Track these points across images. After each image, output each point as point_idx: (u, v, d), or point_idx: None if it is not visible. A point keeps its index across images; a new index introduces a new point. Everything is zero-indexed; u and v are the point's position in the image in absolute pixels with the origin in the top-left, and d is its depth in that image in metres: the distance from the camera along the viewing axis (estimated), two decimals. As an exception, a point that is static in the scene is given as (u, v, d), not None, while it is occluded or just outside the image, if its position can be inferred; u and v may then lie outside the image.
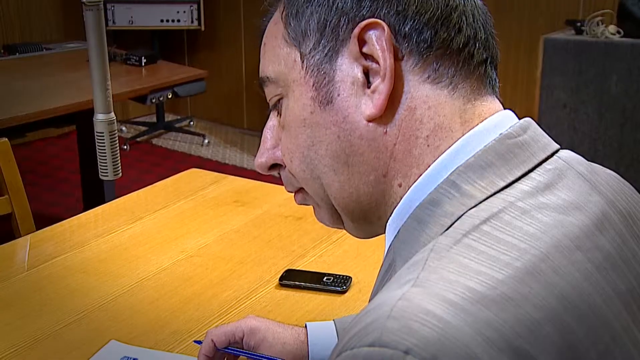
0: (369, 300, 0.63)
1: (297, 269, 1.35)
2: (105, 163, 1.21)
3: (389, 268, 0.66)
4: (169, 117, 5.29)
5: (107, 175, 1.25)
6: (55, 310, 1.24)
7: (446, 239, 0.58)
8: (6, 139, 1.75)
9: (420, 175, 0.64)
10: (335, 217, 0.72)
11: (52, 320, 1.21)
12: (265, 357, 0.99)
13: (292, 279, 1.31)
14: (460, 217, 0.59)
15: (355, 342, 0.51)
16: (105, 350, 1.11)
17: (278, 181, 0.78)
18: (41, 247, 1.49)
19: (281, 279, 1.31)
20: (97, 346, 1.12)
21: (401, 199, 0.65)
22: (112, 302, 1.27)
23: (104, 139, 1.21)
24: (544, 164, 0.62)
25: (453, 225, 0.59)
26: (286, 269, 1.34)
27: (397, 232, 0.65)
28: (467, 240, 0.56)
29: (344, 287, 1.28)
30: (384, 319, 0.51)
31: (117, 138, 1.28)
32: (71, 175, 4.05)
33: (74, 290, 1.31)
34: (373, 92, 0.64)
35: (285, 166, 0.72)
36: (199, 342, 1.03)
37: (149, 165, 4.52)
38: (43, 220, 1.78)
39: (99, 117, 1.23)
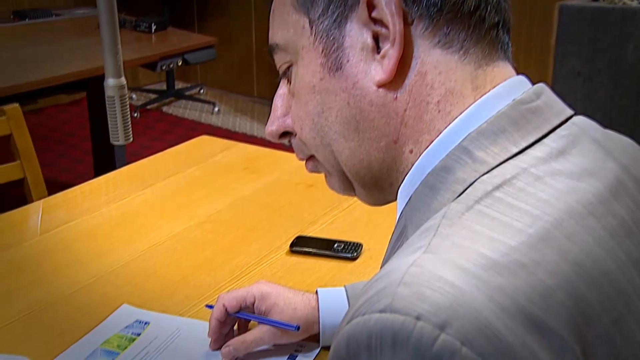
0: (381, 267, 0.63)
1: (308, 235, 1.35)
2: (116, 128, 1.21)
3: (401, 235, 0.65)
4: (179, 85, 5.28)
5: (118, 140, 1.25)
6: (67, 274, 1.25)
7: (458, 205, 0.57)
8: (17, 104, 1.75)
9: (432, 141, 0.63)
10: (346, 184, 0.72)
11: (65, 284, 1.22)
12: (276, 322, 0.99)
13: (303, 245, 1.31)
14: (472, 184, 0.58)
15: (366, 308, 0.51)
16: (117, 314, 1.12)
17: (288, 148, 0.78)
18: (53, 212, 1.50)
19: (292, 245, 1.31)
20: (109, 310, 1.13)
21: (412, 165, 0.65)
22: (124, 267, 1.28)
23: (114, 104, 1.21)
24: (558, 130, 0.62)
25: (465, 192, 0.58)
26: (297, 235, 1.35)
27: (409, 199, 0.65)
28: (479, 207, 0.56)
29: (355, 253, 1.28)
30: (395, 286, 0.51)
31: (127, 103, 1.28)
32: (82, 142, 4.06)
33: (86, 255, 1.32)
34: (383, 57, 0.63)
35: (296, 134, 0.71)
36: (211, 307, 1.04)
37: (159, 133, 4.52)
38: (54, 186, 1.79)
39: (110, 81, 1.23)
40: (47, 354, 1.01)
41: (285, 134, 0.73)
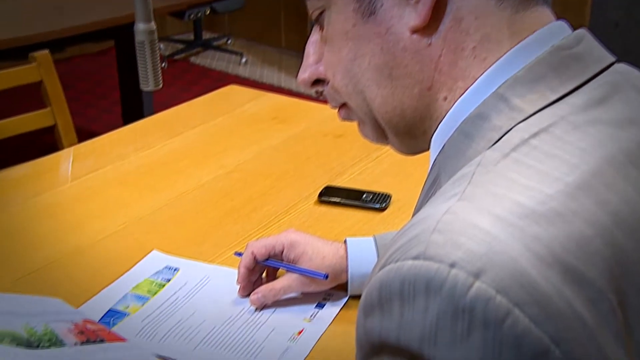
0: (412, 217, 0.62)
1: (336, 185, 1.35)
2: (146, 73, 1.20)
3: (434, 183, 0.65)
4: (206, 35, 5.26)
5: (148, 86, 1.24)
6: (97, 220, 1.26)
7: (494, 153, 0.56)
8: (47, 51, 1.75)
9: (467, 88, 0.62)
10: (379, 132, 0.71)
11: (95, 230, 1.23)
12: (304, 271, 1.00)
13: (331, 195, 1.31)
14: (508, 131, 0.57)
15: (399, 255, 0.51)
16: (147, 260, 1.14)
17: (317, 99, 0.77)
18: (83, 160, 1.51)
19: (320, 195, 1.31)
20: (139, 256, 1.14)
21: (446, 113, 0.63)
22: (153, 215, 1.29)
23: (144, 49, 1.20)
24: (599, 77, 0.60)
25: (501, 140, 0.57)
26: (325, 185, 1.34)
27: (443, 147, 0.63)
28: (515, 155, 0.55)
29: (384, 204, 1.27)
30: (429, 233, 0.50)
31: (157, 48, 1.27)
32: (110, 91, 4.07)
33: (115, 202, 1.33)
34: (417, 2, 0.61)
35: (328, 81, 0.70)
36: (240, 255, 1.05)
37: (186, 83, 4.52)
38: (83, 135, 1.80)
39: (140, 26, 1.22)
40: (79, 298, 1.03)
41: (318, 81, 0.72)
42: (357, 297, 1.02)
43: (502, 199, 0.51)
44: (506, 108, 0.58)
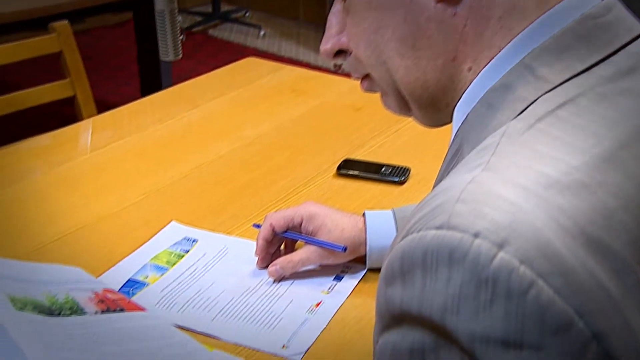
0: (432, 189, 0.62)
1: (355, 159, 1.34)
2: (166, 43, 1.20)
3: (456, 154, 0.64)
4: (224, 8, 5.23)
5: (167, 56, 1.24)
6: (117, 191, 1.27)
7: (519, 123, 0.55)
8: (66, 21, 1.75)
9: (492, 58, 0.61)
10: (402, 103, 0.70)
11: (115, 200, 1.23)
12: (323, 243, 1.00)
13: (350, 168, 1.30)
14: (534, 102, 0.56)
15: (421, 224, 0.50)
16: (166, 231, 1.14)
17: (336, 72, 0.76)
18: (102, 131, 1.51)
19: (339, 168, 1.31)
20: (158, 227, 1.14)
21: (470, 83, 0.62)
22: (172, 186, 1.29)
23: (164, 18, 1.19)
24: (629, 47, 0.59)
25: (526, 110, 0.56)
26: (344, 158, 1.34)
27: (466, 117, 0.63)
28: (541, 126, 0.54)
29: (403, 177, 1.27)
30: (453, 202, 0.50)
31: (177, 17, 1.26)
32: (129, 64, 4.06)
33: (134, 173, 1.33)
34: None
35: (351, 52, 0.69)
36: (258, 226, 1.05)
37: (204, 56, 4.51)
38: (102, 107, 1.80)
39: (160, -5, 1.22)
40: (99, 268, 1.03)
41: (340, 52, 0.71)
42: (375, 270, 1.02)
43: (526, 170, 0.51)
44: (532, 78, 0.57)
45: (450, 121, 0.67)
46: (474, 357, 0.47)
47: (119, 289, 0.98)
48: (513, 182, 0.50)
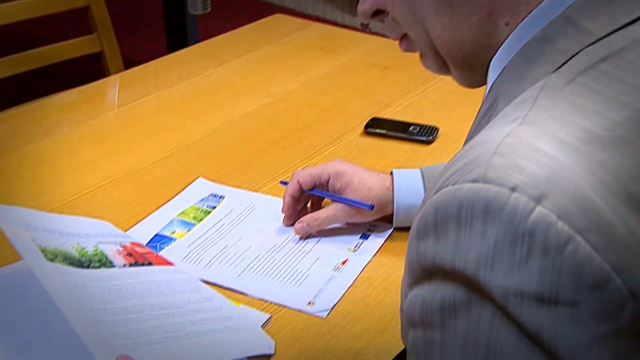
0: (463, 146, 0.60)
1: (383, 117, 1.33)
2: (195, -5, 1.18)
3: (490, 109, 0.63)
4: (251, -34, 5.18)
5: (196, 9, 1.23)
6: (144, 146, 1.27)
7: (559, 77, 0.54)
8: (95, -25, 1.74)
9: (530, 11, 0.59)
10: (440, 63, 0.69)
11: (142, 156, 1.24)
12: (350, 201, 0.99)
13: (378, 126, 1.29)
14: (575, 55, 0.55)
15: (456, 177, 0.49)
16: (193, 187, 1.14)
17: (363, 31, 0.75)
18: (129, 87, 1.51)
19: (366, 126, 1.30)
20: (185, 183, 1.15)
21: (507, 37, 0.61)
22: (199, 142, 1.29)
23: (193, -30, 1.18)
24: None
25: (567, 63, 0.55)
26: (372, 117, 1.32)
27: (501, 71, 0.61)
28: (583, 79, 0.53)
29: (431, 137, 1.25)
30: (490, 155, 0.49)
31: (206, -31, 1.25)
32: (155, 21, 4.05)
33: (162, 129, 1.33)
34: None
35: (388, 12, 0.68)
36: (285, 183, 1.04)
37: (230, 13, 4.47)
38: (128, 64, 1.79)
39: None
40: (127, 222, 1.04)
41: (377, 12, 0.70)
42: (402, 229, 1.01)
43: (567, 124, 0.49)
44: (573, 31, 0.56)
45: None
46: (507, 312, 0.46)
47: (147, 244, 0.99)
48: (552, 135, 0.49)
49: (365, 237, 1.02)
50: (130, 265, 0.87)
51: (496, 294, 0.46)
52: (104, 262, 0.86)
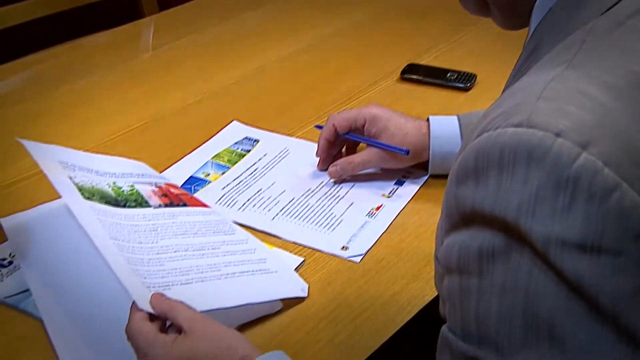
0: (502, 92, 0.59)
1: (420, 63, 1.31)
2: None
3: (532, 54, 0.61)
4: None
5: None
6: (179, 89, 1.26)
7: (607, 20, 0.52)
8: None
9: None
10: (480, 3, 0.66)
11: (177, 98, 1.23)
12: (385, 145, 0.98)
13: (414, 73, 1.27)
14: (623, -2, 0.53)
15: (498, 122, 0.48)
16: (227, 130, 1.14)
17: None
18: (164, 29, 1.50)
19: (403, 72, 1.28)
20: (220, 125, 1.14)
21: None
22: (233, 86, 1.28)
23: None
24: None
25: (615, 7, 0.53)
26: (408, 63, 1.30)
27: (545, 15, 0.59)
28: (632, 23, 0.51)
29: (468, 84, 1.23)
30: (534, 100, 0.47)
31: None
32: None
33: (196, 72, 1.33)
34: None
35: None
36: (320, 127, 1.03)
37: (265, -42, 4.41)
38: (163, 6, 1.78)
39: None
40: (162, 164, 1.04)
41: None
42: (437, 176, 1.00)
43: (615, 68, 0.48)
44: (624, -28, 0.53)
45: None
46: (547, 260, 0.46)
47: (181, 185, 0.99)
48: (600, 80, 0.47)
49: (400, 183, 1.01)
50: (166, 205, 0.88)
51: (537, 242, 0.46)
52: (140, 202, 0.87)
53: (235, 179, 1.02)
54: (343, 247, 0.89)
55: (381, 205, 0.96)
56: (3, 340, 0.76)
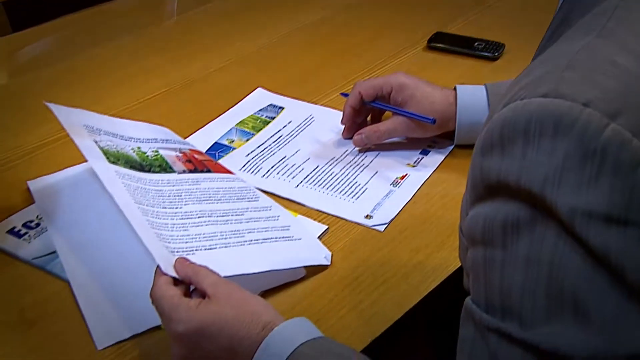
0: (531, 62, 0.58)
1: (447, 32, 1.29)
2: None
3: (561, 23, 0.59)
4: None
5: None
6: (204, 55, 1.26)
7: (640, -12, 0.51)
8: None
9: None
10: None
11: (201, 65, 1.23)
12: (411, 114, 0.97)
13: (441, 41, 1.26)
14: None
15: (525, 92, 0.47)
16: (252, 97, 1.13)
17: None
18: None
19: (430, 41, 1.26)
20: (244, 92, 1.14)
21: None
22: (258, 52, 1.27)
23: None
24: None
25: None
26: (435, 31, 1.29)
27: (577, -18, 0.58)
28: (667, -9, 0.49)
29: (496, 53, 1.21)
30: (562, 69, 0.46)
31: None
32: None
33: (222, 37, 1.32)
34: None
35: None
36: (346, 95, 1.03)
37: None
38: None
39: None
40: (186, 129, 1.04)
41: None
42: (463, 146, 0.99)
43: (648, 37, 0.47)
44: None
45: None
46: (573, 232, 0.45)
47: (205, 152, 1.00)
48: (630, 49, 0.46)
49: (425, 152, 1.00)
50: (190, 171, 0.88)
51: (562, 213, 0.45)
52: (164, 167, 0.87)
53: (259, 146, 1.02)
54: (367, 216, 0.89)
55: (406, 175, 0.96)
56: (31, 300, 0.77)
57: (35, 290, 0.78)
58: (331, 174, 0.96)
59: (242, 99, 1.13)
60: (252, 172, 0.97)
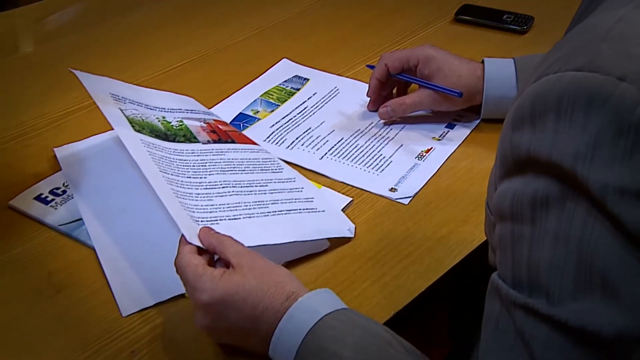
0: (564, 34, 0.57)
1: (476, 4, 1.27)
2: None
3: (594, -2, 0.58)
4: None
5: None
6: (229, 25, 1.25)
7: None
8: None
9: None
10: None
11: (226, 35, 1.22)
12: (438, 87, 0.96)
13: (469, 14, 1.24)
14: None
15: (559, 65, 0.47)
16: (277, 68, 1.13)
17: None
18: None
19: (457, 13, 1.24)
20: (270, 63, 1.13)
21: None
22: (284, 23, 1.26)
23: None
24: None
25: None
26: (463, 3, 1.27)
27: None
28: None
29: (525, 27, 1.19)
30: (598, 42, 0.45)
31: None
32: None
33: (247, 6, 1.31)
34: None
35: None
36: (372, 67, 1.02)
37: None
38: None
39: None
40: (211, 100, 1.04)
41: None
42: (489, 120, 0.98)
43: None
44: None
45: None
46: (604, 209, 0.44)
47: (230, 122, 0.99)
48: (672, 22, 0.45)
49: (451, 126, 0.99)
50: (214, 142, 0.88)
51: (594, 190, 0.44)
52: (189, 137, 0.87)
53: (284, 117, 1.02)
54: (391, 189, 0.88)
55: (431, 148, 0.95)
56: (57, 266, 0.78)
57: (61, 257, 0.79)
58: (356, 146, 0.96)
59: (267, 70, 1.12)
60: (277, 143, 0.97)
